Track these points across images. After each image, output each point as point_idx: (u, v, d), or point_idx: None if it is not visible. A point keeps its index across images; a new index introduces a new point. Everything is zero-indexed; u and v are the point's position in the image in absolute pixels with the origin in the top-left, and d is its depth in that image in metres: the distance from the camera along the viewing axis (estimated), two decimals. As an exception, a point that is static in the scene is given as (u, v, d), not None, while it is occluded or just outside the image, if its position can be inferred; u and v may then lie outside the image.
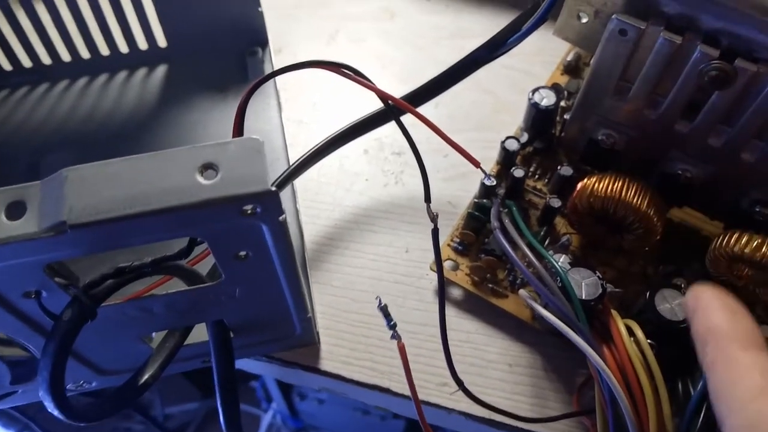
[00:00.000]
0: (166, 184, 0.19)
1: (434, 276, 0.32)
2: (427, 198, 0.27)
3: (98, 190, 0.19)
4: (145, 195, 0.19)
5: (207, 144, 0.20)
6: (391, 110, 0.29)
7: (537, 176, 0.34)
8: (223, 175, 0.19)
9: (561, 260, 0.29)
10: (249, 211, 0.19)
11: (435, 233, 0.27)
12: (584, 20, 0.28)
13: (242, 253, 0.22)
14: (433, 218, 0.26)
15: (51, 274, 0.20)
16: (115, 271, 0.21)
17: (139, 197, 0.19)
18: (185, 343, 0.26)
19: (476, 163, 0.29)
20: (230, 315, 0.26)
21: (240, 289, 0.24)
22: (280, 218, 0.20)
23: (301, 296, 0.25)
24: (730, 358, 0.21)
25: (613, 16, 0.26)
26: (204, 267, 0.26)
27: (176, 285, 0.24)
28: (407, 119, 0.29)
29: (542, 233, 0.32)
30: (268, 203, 0.19)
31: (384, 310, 0.24)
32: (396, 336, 0.24)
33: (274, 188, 0.19)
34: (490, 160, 0.35)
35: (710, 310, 0.23)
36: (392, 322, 0.24)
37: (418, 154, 0.28)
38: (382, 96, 0.28)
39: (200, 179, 0.19)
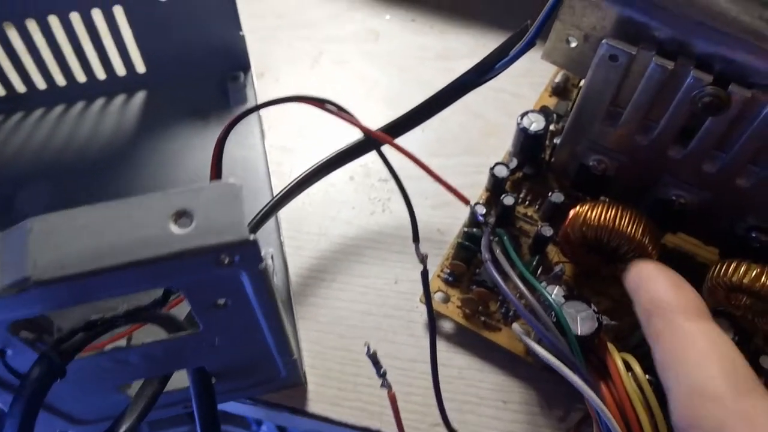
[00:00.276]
0: (137, 235, 0.18)
1: (425, 309, 0.31)
2: (415, 238, 0.26)
3: (65, 243, 0.17)
4: (114, 247, 0.17)
5: (181, 189, 0.18)
6: (374, 145, 0.28)
7: (527, 202, 0.34)
8: (197, 223, 0.18)
9: (555, 292, 0.28)
10: (226, 261, 0.18)
11: (425, 276, 0.25)
12: (573, 44, 0.27)
13: (221, 301, 0.21)
14: (422, 259, 0.25)
15: (15, 330, 0.19)
16: (85, 324, 0.20)
17: (109, 250, 0.17)
18: (165, 389, 0.25)
19: (465, 201, 0.27)
20: (211, 362, 0.24)
21: (220, 338, 0.22)
22: (260, 266, 0.19)
23: (285, 340, 0.24)
24: (676, 328, 0.21)
25: (603, 41, 0.25)
26: (182, 310, 0.24)
27: (153, 329, 0.23)
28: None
29: (534, 262, 0.31)
30: (245, 253, 0.18)
31: (373, 358, 0.23)
32: (386, 385, 0.23)
33: (252, 237, 0.18)
34: (479, 185, 0.34)
35: (654, 284, 0.23)
36: (382, 370, 0.23)
37: (405, 192, 0.27)
38: (366, 132, 0.27)
39: (173, 228, 0.18)
